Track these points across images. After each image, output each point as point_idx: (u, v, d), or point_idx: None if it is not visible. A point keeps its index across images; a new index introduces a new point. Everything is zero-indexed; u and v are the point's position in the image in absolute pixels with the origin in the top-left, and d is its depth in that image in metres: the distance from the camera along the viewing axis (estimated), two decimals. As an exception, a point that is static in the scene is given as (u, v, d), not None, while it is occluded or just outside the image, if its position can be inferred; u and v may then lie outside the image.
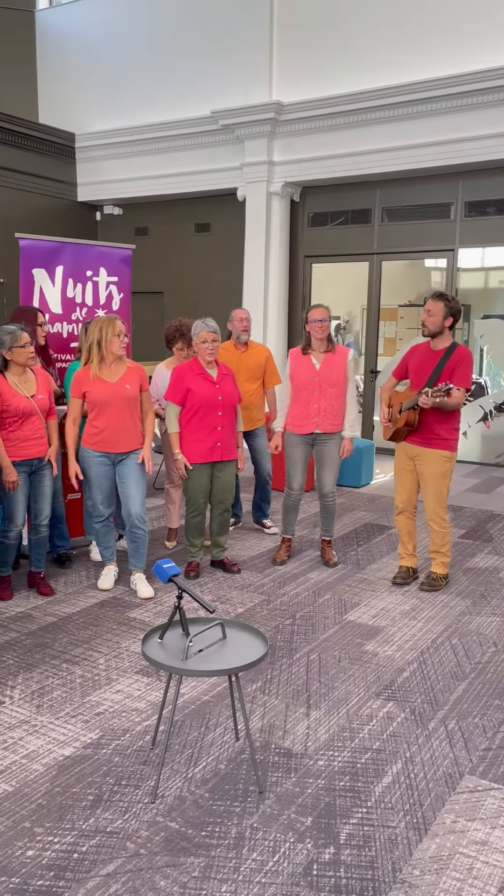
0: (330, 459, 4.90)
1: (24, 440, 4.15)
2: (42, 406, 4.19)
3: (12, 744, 2.93)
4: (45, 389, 4.23)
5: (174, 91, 9.54)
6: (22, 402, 4.10)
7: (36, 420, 4.17)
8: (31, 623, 4.06)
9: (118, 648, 3.77)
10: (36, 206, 10.08)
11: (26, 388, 4.16)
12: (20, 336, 4.05)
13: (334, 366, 4.78)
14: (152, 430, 4.49)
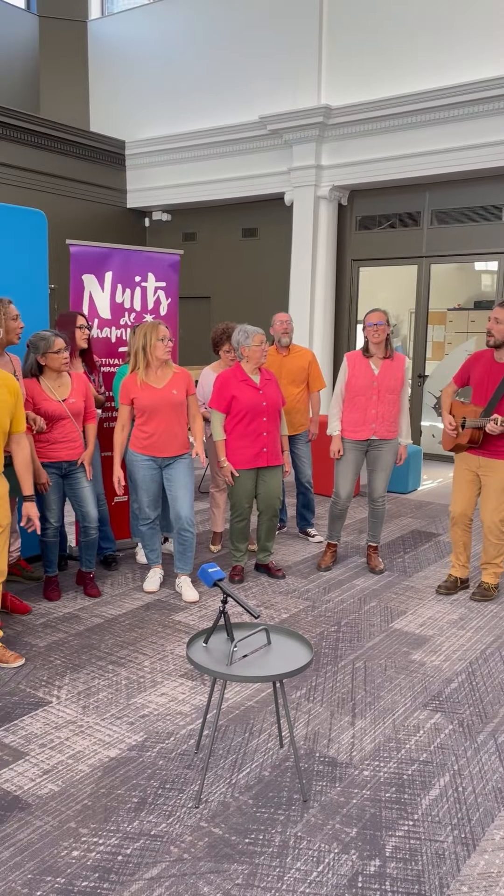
0: (384, 465, 4.86)
1: (54, 442, 4.21)
2: (74, 410, 4.24)
3: (59, 743, 2.96)
4: (79, 394, 4.29)
5: (222, 97, 9.60)
6: (52, 405, 4.16)
7: (67, 423, 4.23)
8: (79, 624, 4.10)
9: (163, 651, 3.79)
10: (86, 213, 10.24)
11: (59, 392, 4.22)
12: (54, 342, 4.11)
13: (392, 372, 4.74)
14: (201, 432, 4.49)
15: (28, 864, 2.31)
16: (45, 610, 4.29)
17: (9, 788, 2.67)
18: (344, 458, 4.88)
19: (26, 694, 3.33)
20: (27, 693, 3.34)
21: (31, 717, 3.14)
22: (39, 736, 3.01)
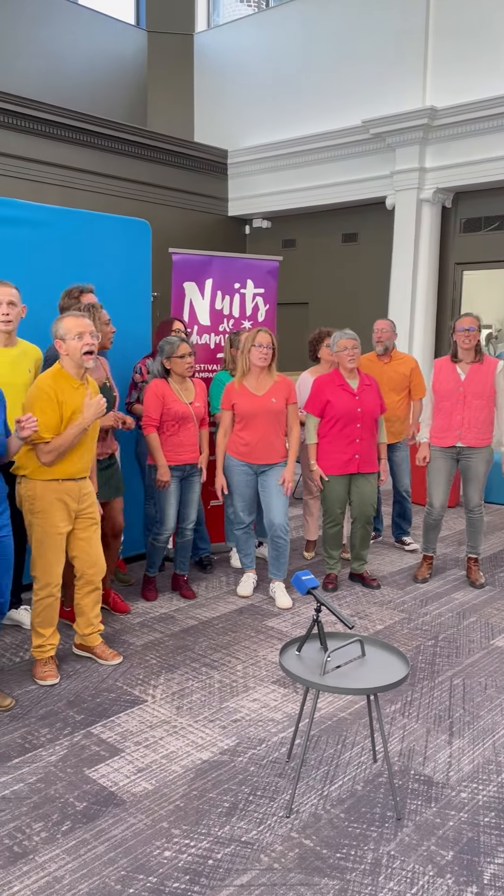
0: (476, 474, 4.69)
1: (179, 445, 4.29)
2: (198, 414, 4.33)
3: (153, 742, 3.01)
4: (201, 398, 4.37)
5: (324, 103, 9.58)
6: (181, 407, 4.25)
7: (191, 427, 4.31)
8: (174, 625, 4.16)
9: (256, 656, 3.79)
10: (189, 222, 10.45)
11: (186, 395, 4.31)
12: (178, 347, 4.20)
13: (481, 376, 4.58)
14: (297, 445, 4.50)
15: (121, 860, 2.35)
16: (142, 610, 4.38)
17: (105, 784, 2.74)
18: (434, 467, 4.75)
19: (123, 691, 3.41)
20: (124, 690, 3.41)
21: (127, 715, 3.21)
22: (135, 734, 3.07)
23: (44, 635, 3.50)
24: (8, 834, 2.46)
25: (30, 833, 2.46)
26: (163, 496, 4.32)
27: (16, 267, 4.22)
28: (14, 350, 3.76)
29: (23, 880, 2.26)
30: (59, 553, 3.45)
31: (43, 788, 2.70)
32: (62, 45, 9.70)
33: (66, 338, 3.33)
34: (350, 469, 4.52)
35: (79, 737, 3.03)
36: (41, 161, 8.66)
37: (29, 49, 9.33)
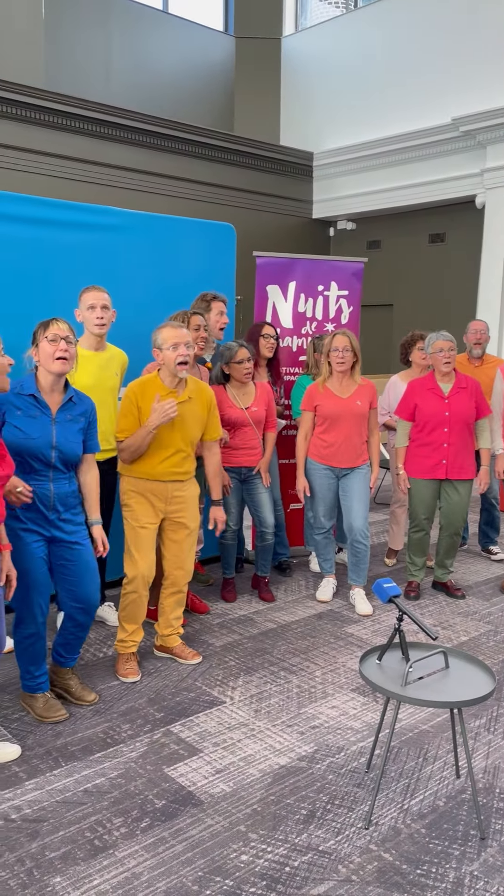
0: None
1: (235, 448, 4.31)
2: (255, 418, 4.32)
3: (231, 744, 3.01)
4: (261, 402, 4.36)
5: (411, 102, 9.42)
6: (235, 412, 4.26)
7: (248, 431, 4.31)
8: (252, 627, 4.17)
9: (335, 663, 3.75)
10: (273, 225, 10.48)
11: (243, 400, 4.32)
12: (237, 352, 4.22)
13: None
14: (378, 449, 4.46)
15: (199, 861, 2.36)
16: (221, 611, 4.41)
17: (183, 783, 2.76)
18: None
19: (202, 692, 3.43)
20: (203, 691, 3.44)
21: (205, 715, 3.23)
22: (213, 734, 3.08)
23: (127, 630, 3.57)
24: (89, 827, 2.51)
25: (110, 828, 2.51)
26: (223, 498, 4.35)
27: (104, 272, 4.33)
28: (104, 354, 3.85)
29: (102, 874, 2.30)
30: (144, 549, 3.50)
31: (123, 784, 2.74)
32: (153, 54, 9.91)
33: (163, 347, 3.38)
34: (437, 474, 4.42)
35: (158, 734, 3.07)
36: (129, 168, 8.86)
37: (121, 59, 9.57)
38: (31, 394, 2.97)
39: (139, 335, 4.44)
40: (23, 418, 2.95)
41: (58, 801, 2.64)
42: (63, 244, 4.14)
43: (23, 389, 2.97)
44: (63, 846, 2.41)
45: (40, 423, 2.97)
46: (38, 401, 2.98)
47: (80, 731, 3.08)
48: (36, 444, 2.95)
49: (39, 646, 3.12)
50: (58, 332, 2.94)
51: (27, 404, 2.96)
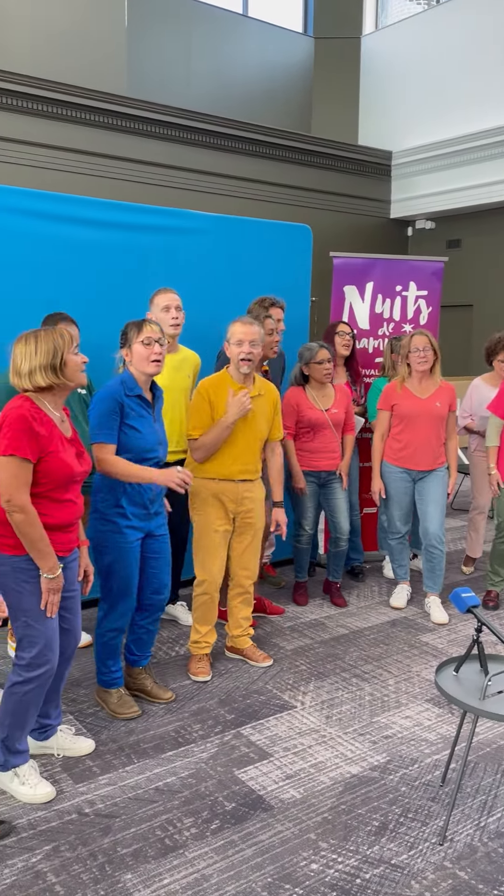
0: None
1: (314, 452, 4.26)
2: (335, 420, 4.27)
3: (301, 750, 2.98)
4: (341, 405, 4.30)
5: (492, 98, 9.17)
6: (315, 414, 4.22)
7: (328, 433, 4.26)
8: (324, 632, 4.12)
9: (409, 672, 3.66)
10: (350, 226, 10.38)
11: (323, 402, 4.27)
12: (317, 353, 4.17)
13: None
14: (456, 453, 4.34)
15: (268, 867, 2.34)
16: (292, 614, 4.38)
17: (253, 787, 2.74)
18: None
19: (273, 695, 3.41)
20: (273, 694, 3.42)
21: (276, 719, 3.21)
22: (284, 739, 3.06)
23: (200, 632, 3.59)
24: (160, 825, 2.53)
25: (180, 827, 2.52)
26: (300, 500, 4.31)
27: (180, 274, 4.37)
28: (176, 356, 3.88)
29: (172, 874, 2.31)
30: (215, 551, 3.51)
31: (194, 784, 2.75)
32: (232, 58, 9.98)
33: (230, 342, 3.40)
34: None
35: (229, 736, 3.07)
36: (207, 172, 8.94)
37: (201, 64, 9.67)
38: (139, 394, 3.03)
39: (214, 338, 4.46)
40: (136, 418, 3.01)
41: (130, 798, 2.67)
42: (141, 247, 4.20)
43: (131, 391, 3.02)
44: (134, 843, 2.44)
45: (148, 422, 3.05)
46: (143, 400, 3.04)
47: (152, 728, 3.11)
48: (150, 442, 3.03)
49: (119, 641, 3.17)
50: (151, 335, 2.99)
51: (136, 404, 3.02)
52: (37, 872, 2.30)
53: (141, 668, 3.36)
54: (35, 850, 2.39)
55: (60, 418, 2.59)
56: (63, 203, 3.96)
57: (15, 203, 3.79)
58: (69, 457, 2.54)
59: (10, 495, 2.42)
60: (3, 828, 2.44)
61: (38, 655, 2.55)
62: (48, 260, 3.91)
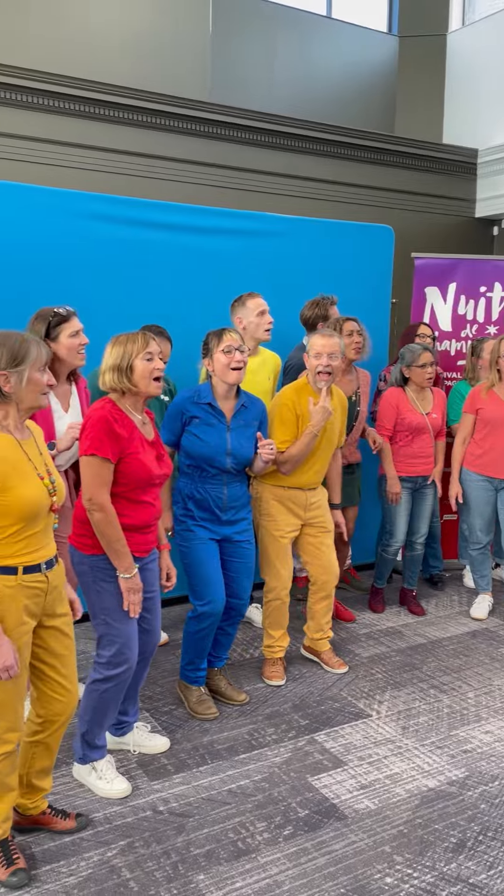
0: None
1: (412, 457, 4.17)
2: (435, 425, 4.18)
3: (377, 760, 2.93)
4: (439, 409, 4.21)
5: None
6: (416, 417, 4.13)
7: (426, 438, 4.17)
8: (401, 640, 4.04)
9: (490, 685, 3.55)
10: (431, 226, 10.19)
11: (423, 405, 4.18)
12: (420, 356, 4.07)
13: None
14: None
15: (342, 877, 2.31)
16: (369, 621, 4.31)
17: (327, 794, 2.71)
18: None
19: (347, 702, 3.37)
20: (348, 702, 3.37)
21: (350, 727, 3.16)
22: (358, 748, 3.01)
23: (273, 636, 3.58)
24: (233, 828, 2.52)
25: (253, 831, 2.51)
26: (392, 508, 4.22)
27: (259, 278, 4.37)
28: (256, 359, 3.89)
29: (245, 878, 2.30)
30: (284, 557, 3.50)
31: (267, 788, 2.74)
32: (314, 59, 9.96)
33: (310, 353, 3.39)
34: None
35: (303, 742, 3.04)
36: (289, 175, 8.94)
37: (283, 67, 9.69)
38: (208, 402, 3.05)
39: (294, 342, 4.44)
40: (201, 426, 3.04)
41: (203, 798, 2.68)
42: (221, 251, 4.23)
43: (200, 398, 3.05)
44: (207, 844, 2.44)
45: (217, 431, 3.05)
46: (214, 409, 3.06)
47: (225, 730, 3.12)
48: (212, 451, 3.03)
49: (209, 641, 3.20)
50: (231, 343, 3.00)
51: (205, 412, 3.05)
52: (112, 867, 2.34)
53: (216, 668, 3.38)
54: (110, 845, 2.43)
55: (142, 421, 2.63)
56: (146, 209, 4.03)
57: (102, 210, 3.87)
58: (149, 459, 2.58)
59: (90, 494, 2.47)
60: (80, 820, 2.49)
61: (116, 654, 2.59)
62: (133, 266, 3.98)
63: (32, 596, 2.17)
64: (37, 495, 2.12)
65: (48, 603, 2.24)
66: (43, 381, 2.17)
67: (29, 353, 2.13)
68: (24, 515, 2.11)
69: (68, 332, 2.96)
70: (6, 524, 2.10)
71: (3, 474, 2.07)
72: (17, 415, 2.17)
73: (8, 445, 2.12)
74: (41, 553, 2.19)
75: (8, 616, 2.12)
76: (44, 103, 7.20)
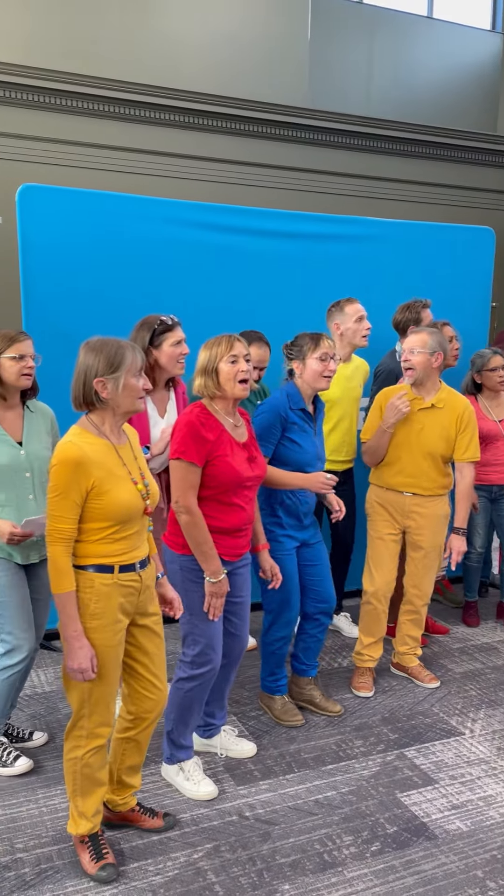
0: None
1: (486, 465, 4.04)
2: None
3: (469, 780, 2.82)
4: None
5: None
6: (488, 424, 4.00)
7: (499, 445, 4.03)
8: (497, 657, 3.89)
9: None
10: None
11: (496, 411, 4.05)
12: (490, 359, 3.97)
13: None
14: None
15: (431, 899, 2.23)
16: (462, 635, 4.18)
17: (417, 813, 2.63)
18: None
19: (439, 718, 3.27)
20: (440, 718, 3.27)
21: (442, 744, 3.06)
22: (450, 766, 2.91)
23: (364, 643, 3.51)
24: (319, 840, 2.49)
25: (339, 844, 2.47)
26: (470, 516, 4.09)
27: (356, 282, 4.32)
28: (349, 366, 3.85)
29: (330, 891, 2.26)
30: (382, 561, 3.43)
31: (354, 802, 2.69)
32: (415, 61, 9.80)
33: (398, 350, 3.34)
34: None
35: (392, 756, 2.97)
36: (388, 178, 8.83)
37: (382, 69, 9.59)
38: (302, 408, 3.04)
39: (390, 345, 4.37)
40: (298, 432, 3.02)
41: (289, 807, 2.65)
42: (320, 256, 4.21)
43: (296, 404, 3.03)
44: (293, 854, 2.42)
45: (309, 437, 3.05)
46: (307, 414, 3.05)
47: (312, 739, 3.09)
48: (308, 456, 3.02)
49: (285, 650, 3.19)
50: (327, 351, 2.98)
51: (299, 418, 3.03)
52: (198, 869, 2.35)
53: (309, 678, 3.33)
54: (197, 847, 2.44)
55: (234, 423, 2.64)
56: (244, 216, 4.06)
57: (202, 218, 3.93)
58: (238, 461, 2.58)
59: (178, 496, 2.51)
60: (168, 820, 2.52)
61: (200, 654, 2.61)
62: (235, 273, 4.02)
63: (127, 594, 2.22)
64: (130, 499, 2.17)
65: (141, 601, 2.29)
66: (139, 386, 2.20)
67: (125, 359, 2.16)
68: (119, 518, 2.16)
69: (171, 340, 3.00)
70: (103, 525, 2.16)
71: (98, 479, 2.12)
72: (113, 420, 2.22)
73: (104, 450, 2.17)
74: (136, 553, 2.24)
75: (104, 613, 2.17)
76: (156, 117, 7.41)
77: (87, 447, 2.14)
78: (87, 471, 2.11)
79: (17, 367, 2.64)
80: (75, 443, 2.14)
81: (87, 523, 2.16)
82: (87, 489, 2.12)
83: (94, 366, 2.14)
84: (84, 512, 2.14)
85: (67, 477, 2.10)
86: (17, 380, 2.65)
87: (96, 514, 2.14)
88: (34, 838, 2.46)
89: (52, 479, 2.12)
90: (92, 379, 2.14)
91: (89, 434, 2.19)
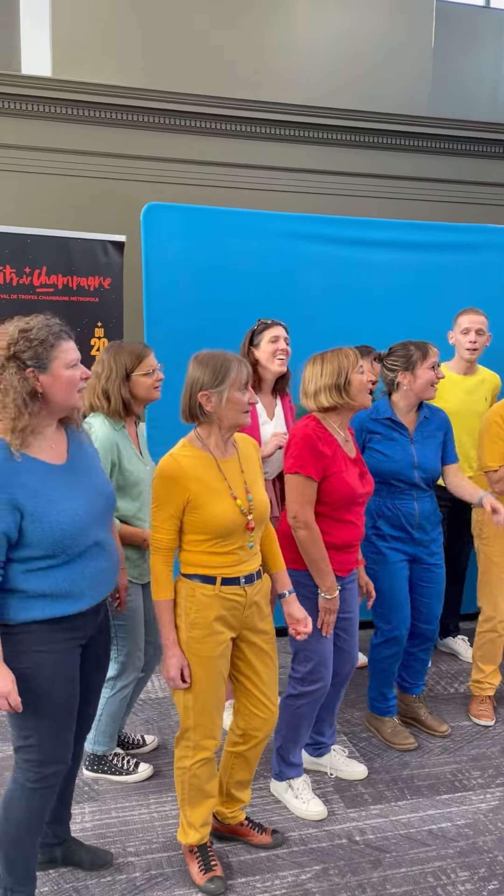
0: None
1: None
2: None
3: None
4: None
5: None
6: None
7: None
8: None
9: None
10: None
11: None
12: None
13: None
14: None
15: None
16: None
17: (539, 854, 2.48)
18: None
19: None
20: None
21: None
22: None
23: (483, 671, 3.35)
24: (432, 872, 2.39)
25: (454, 879, 2.35)
26: None
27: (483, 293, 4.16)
28: (473, 378, 3.71)
29: (444, 928, 2.16)
30: (502, 585, 3.27)
31: (471, 836, 2.56)
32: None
33: None
34: None
35: (512, 791, 2.81)
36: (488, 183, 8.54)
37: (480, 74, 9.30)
38: (388, 417, 2.97)
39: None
40: (383, 441, 2.96)
41: (401, 835, 2.56)
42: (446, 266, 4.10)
43: (378, 413, 2.98)
44: (405, 884, 2.33)
45: (400, 445, 2.96)
46: (395, 423, 2.98)
47: (427, 766, 2.97)
48: (398, 465, 2.94)
49: (396, 668, 3.10)
50: (435, 360, 2.91)
51: (385, 427, 2.97)
52: (305, 891, 2.30)
53: (415, 695, 3.23)
54: (305, 868, 2.40)
55: (345, 438, 2.60)
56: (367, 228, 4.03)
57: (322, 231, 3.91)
58: (352, 477, 2.54)
59: (295, 511, 2.49)
60: (276, 837, 2.49)
61: (312, 671, 2.57)
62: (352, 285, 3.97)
63: (230, 608, 2.22)
64: (227, 513, 2.16)
65: (247, 617, 2.27)
66: (244, 400, 2.19)
67: (230, 372, 2.16)
68: (217, 531, 2.17)
69: (268, 337, 3.06)
70: (202, 538, 2.18)
71: (195, 492, 2.14)
72: (219, 433, 2.23)
73: (204, 464, 2.19)
74: (241, 567, 2.23)
75: (204, 623, 2.18)
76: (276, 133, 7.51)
77: (184, 461, 2.17)
78: (183, 484, 2.14)
79: (150, 381, 2.71)
80: (174, 456, 2.17)
81: (188, 535, 2.20)
82: (184, 503, 2.15)
83: (200, 379, 2.17)
84: (184, 524, 2.18)
85: (164, 490, 2.14)
86: (150, 393, 2.73)
87: (195, 526, 2.17)
88: (145, 843, 2.50)
89: (153, 491, 2.18)
90: (197, 392, 2.17)
91: (192, 447, 2.21)
